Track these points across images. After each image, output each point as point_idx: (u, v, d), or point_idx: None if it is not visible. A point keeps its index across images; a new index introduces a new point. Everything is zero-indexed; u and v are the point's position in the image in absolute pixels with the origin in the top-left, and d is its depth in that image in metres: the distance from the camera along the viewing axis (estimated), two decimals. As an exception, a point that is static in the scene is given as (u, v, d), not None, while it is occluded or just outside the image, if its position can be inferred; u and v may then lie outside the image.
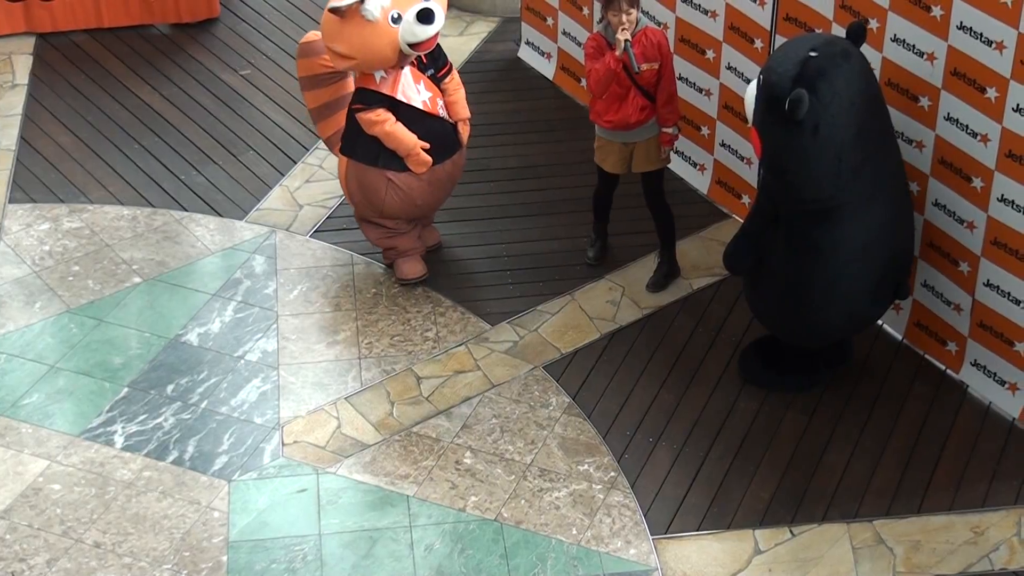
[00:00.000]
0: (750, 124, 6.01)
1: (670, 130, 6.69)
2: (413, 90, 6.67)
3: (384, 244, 7.02)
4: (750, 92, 6.00)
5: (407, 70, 6.66)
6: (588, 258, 7.10)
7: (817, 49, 5.73)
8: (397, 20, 6.48)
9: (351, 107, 6.71)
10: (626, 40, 6.34)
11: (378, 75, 6.63)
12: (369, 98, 6.63)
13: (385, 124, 6.61)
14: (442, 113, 6.79)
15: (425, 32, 6.49)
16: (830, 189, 5.86)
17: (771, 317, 6.30)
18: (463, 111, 6.87)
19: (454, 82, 6.85)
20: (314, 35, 6.79)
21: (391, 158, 6.72)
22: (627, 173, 6.84)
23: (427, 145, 6.68)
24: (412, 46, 6.53)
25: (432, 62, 6.76)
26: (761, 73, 5.89)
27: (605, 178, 6.93)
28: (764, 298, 6.25)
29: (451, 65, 6.86)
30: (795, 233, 6.00)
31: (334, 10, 6.48)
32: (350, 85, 6.82)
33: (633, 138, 6.68)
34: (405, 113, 6.67)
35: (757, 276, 6.24)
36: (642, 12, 6.56)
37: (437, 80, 6.79)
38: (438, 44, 6.75)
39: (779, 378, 6.44)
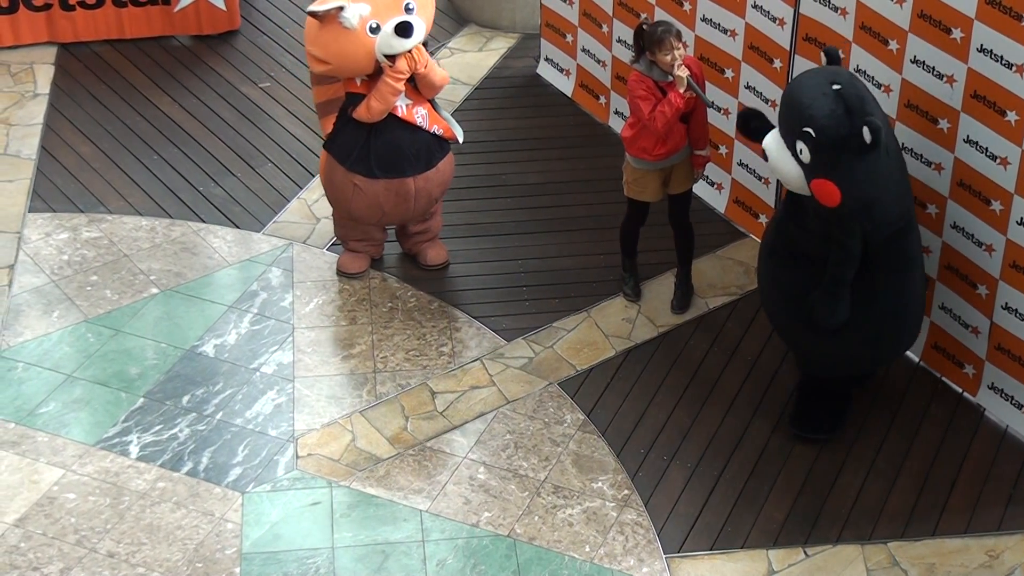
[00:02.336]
0: (793, 187, 5.88)
1: (704, 152, 6.70)
2: None
3: (340, 232, 7.12)
4: (780, 163, 5.85)
5: None
6: (627, 295, 7.00)
7: (837, 80, 5.72)
8: (375, 30, 6.53)
9: (346, 111, 6.76)
10: (688, 76, 6.29)
11: (359, 78, 6.68)
12: (358, 99, 6.71)
13: (371, 103, 6.63)
14: (420, 123, 6.78)
15: (402, 45, 6.52)
16: (908, 201, 5.91)
17: (848, 352, 6.08)
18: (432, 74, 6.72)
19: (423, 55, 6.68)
20: None
21: (359, 162, 6.77)
22: (661, 199, 6.79)
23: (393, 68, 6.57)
24: (388, 57, 6.56)
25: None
26: (788, 137, 5.78)
27: (637, 209, 6.84)
28: (844, 336, 5.99)
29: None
30: (890, 253, 5.89)
31: (313, 14, 6.54)
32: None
33: (672, 162, 6.64)
34: (376, 126, 6.69)
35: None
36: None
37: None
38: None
39: (836, 418, 6.34)
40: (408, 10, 6.58)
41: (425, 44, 6.76)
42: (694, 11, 7.27)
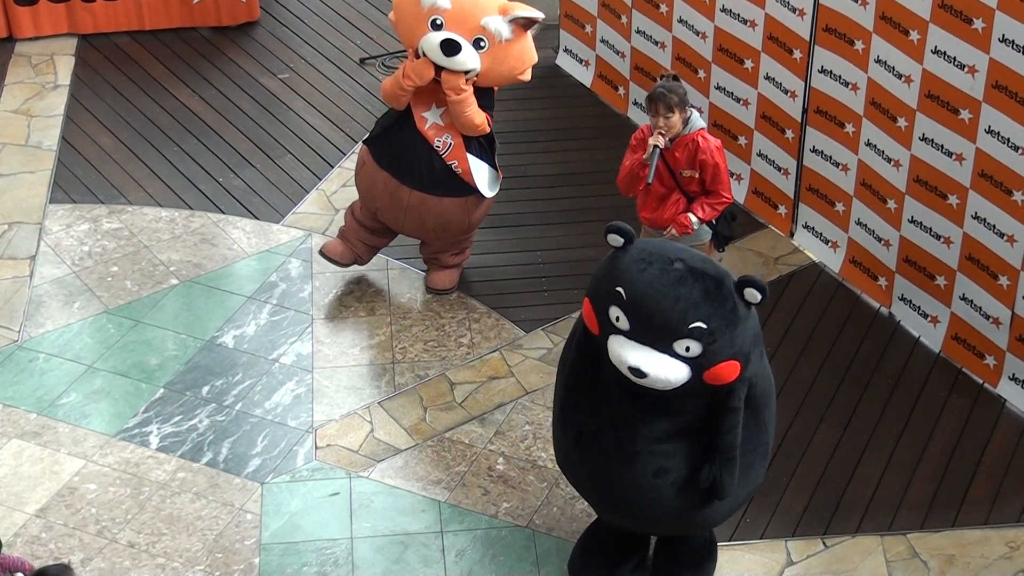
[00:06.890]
0: (670, 387, 4.99)
1: (694, 218, 6.05)
2: (426, 106, 6.54)
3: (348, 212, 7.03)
4: (666, 373, 4.94)
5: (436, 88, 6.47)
6: None
7: (671, 257, 4.96)
8: (435, 27, 6.42)
9: None
10: (655, 146, 5.88)
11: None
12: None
13: (384, 82, 6.60)
14: (437, 146, 6.56)
15: (438, 57, 6.35)
16: None
17: (734, 503, 5.38)
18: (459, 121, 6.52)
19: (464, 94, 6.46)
20: None
21: (376, 142, 6.70)
22: None
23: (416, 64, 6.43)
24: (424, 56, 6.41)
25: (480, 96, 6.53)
26: (661, 345, 4.91)
27: None
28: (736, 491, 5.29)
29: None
30: (744, 408, 5.21)
31: None
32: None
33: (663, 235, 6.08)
34: (403, 121, 6.58)
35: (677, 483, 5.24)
36: (692, 107, 5.99)
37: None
38: (490, 92, 6.59)
39: (711, 550, 5.70)
40: (478, 45, 6.37)
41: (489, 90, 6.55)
42: (714, 1, 7.24)
